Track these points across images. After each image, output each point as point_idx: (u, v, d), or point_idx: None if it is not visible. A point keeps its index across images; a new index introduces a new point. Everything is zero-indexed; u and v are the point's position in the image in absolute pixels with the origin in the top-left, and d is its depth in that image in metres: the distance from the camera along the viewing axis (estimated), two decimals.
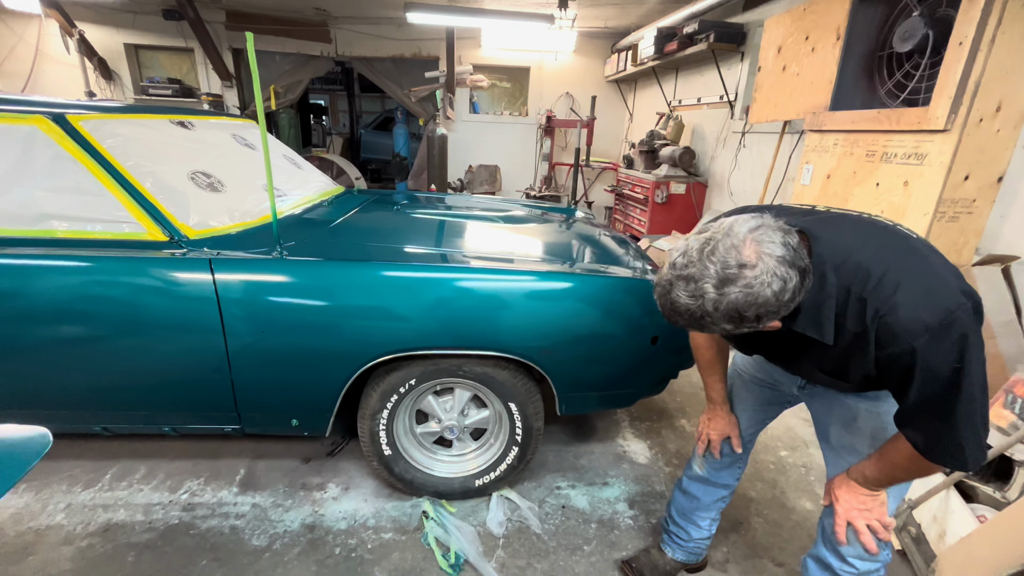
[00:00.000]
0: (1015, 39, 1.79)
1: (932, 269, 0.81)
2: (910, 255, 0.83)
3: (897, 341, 0.79)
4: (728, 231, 0.76)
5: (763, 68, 3.14)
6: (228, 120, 2.29)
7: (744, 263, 0.74)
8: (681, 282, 0.77)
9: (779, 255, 0.74)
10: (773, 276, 0.73)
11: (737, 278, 0.73)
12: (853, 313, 0.82)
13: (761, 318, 0.76)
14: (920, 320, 0.77)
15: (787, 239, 0.76)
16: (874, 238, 0.86)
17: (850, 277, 0.82)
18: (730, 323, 0.77)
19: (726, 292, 0.74)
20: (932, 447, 0.85)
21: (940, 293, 0.78)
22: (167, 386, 1.54)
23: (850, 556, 1.08)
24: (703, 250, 0.76)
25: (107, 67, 5.96)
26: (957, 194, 1.97)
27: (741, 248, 0.74)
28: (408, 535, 1.65)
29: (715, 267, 0.74)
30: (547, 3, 4.85)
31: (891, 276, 0.79)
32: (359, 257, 1.59)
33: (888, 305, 0.78)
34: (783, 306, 0.76)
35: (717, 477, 1.39)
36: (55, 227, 1.44)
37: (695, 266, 0.76)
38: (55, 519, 1.65)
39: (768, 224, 0.77)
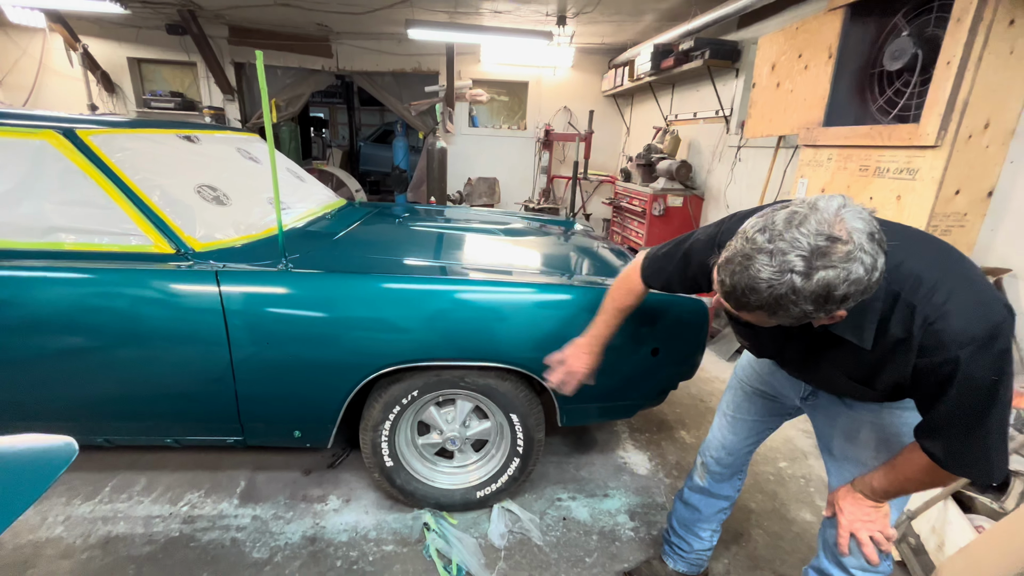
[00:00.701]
0: (1001, 58, 1.85)
1: (979, 282, 0.81)
2: (960, 265, 0.82)
3: (943, 350, 0.78)
4: (814, 206, 0.71)
5: (758, 84, 3.21)
6: (233, 134, 2.32)
7: (836, 237, 0.68)
8: (764, 256, 0.70)
9: (869, 232, 0.69)
10: (864, 252, 0.68)
11: (831, 251, 0.67)
12: (899, 319, 0.80)
13: (847, 299, 0.70)
14: (969, 331, 0.76)
15: (872, 220, 0.71)
16: (924, 246, 0.85)
17: (900, 282, 0.80)
18: (814, 303, 0.70)
19: (817, 267, 0.68)
20: (955, 459, 0.84)
21: (989, 305, 0.78)
22: (171, 397, 1.54)
23: (852, 567, 1.09)
24: (790, 222, 0.70)
25: (110, 80, 6.02)
26: (948, 208, 2.01)
27: (833, 223, 0.69)
28: (410, 547, 1.65)
29: (807, 239, 0.68)
30: (545, 20, 4.95)
31: (943, 285, 0.78)
32: (362, 269, 1.61)
33: (939, 313, 0.77)
34: (870, 287, 0.71)
35: (718, 489, 1.40)
36: (63, 239, 1.46)
37: (782, 239, 0.69)
38: (54, 532, 1.65)
39: (852, 202, 0.72)
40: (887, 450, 1.04)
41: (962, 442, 0.83)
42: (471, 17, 4.97)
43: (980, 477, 0.85)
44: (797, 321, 0.76)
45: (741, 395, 1.33)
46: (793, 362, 1.06)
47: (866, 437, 1.07)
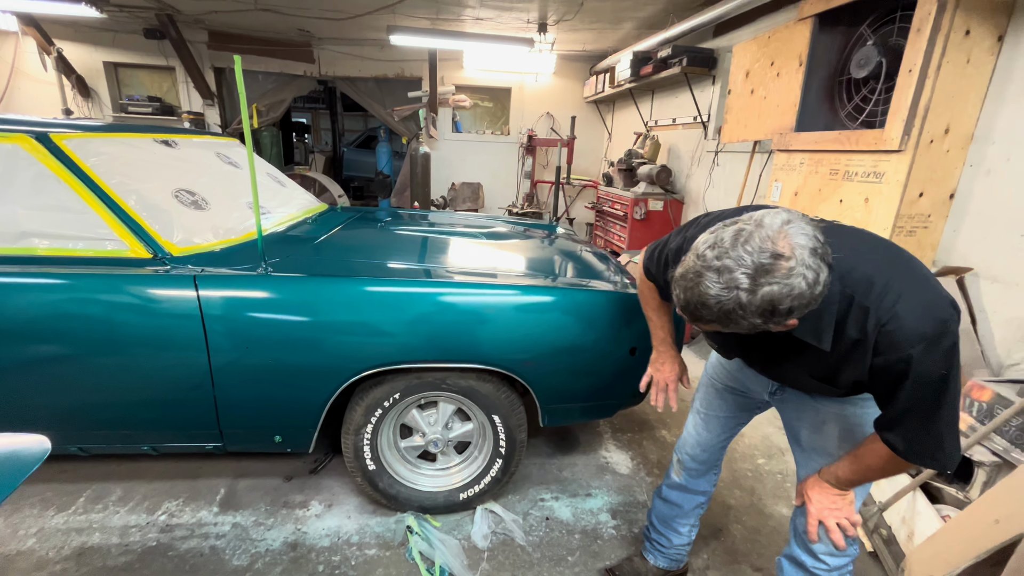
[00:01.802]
0: (958, 67, 1.94)
1: (927, 282, 0.85)
2: (908, 267, 0.87)
3: (896, 349, 0.82)
4: (760, 223, 0.74)
5: (733, 91, 3.29)
6: (212, 139, 2.31)
7: (779, 253, 0.72)
8: (712, 273, 0.74)
9: (812, 247, 0.73)
10: (807, 268, 0.72)
11: (773, 269, 0.71)
12: (854, 321, 0.84)
13: (792, 311, 0.75)
14: (919, 331, 0.80)
15: (817, 234, 0.75)
16: (877, 249, 0.90)
17: (854, 286, 0.84)
18: (761, 317, 0.75)
19: (761, 283, 0.72)
20: (912, 449, 0.89)
21: (937, 305, 0.82)
22: (148, 404, 1.53)
23: (821, 553, 1.13)
24: (736, 240, 0.74)
25: (85, 85, 5.91)
26: (913, 210, 2.09)
27: (776, 239, 0.72)
28: (392, 551, 1.65)
29: (751, 257, 0.72)
30: (527, 27, 5.01)
31: (893, 287, 0.82)
32: (343, 273, 1.61)
33: (890, 314, 0.81)
34: (814, 300, 0.75)
35: (695, 484, 1.43)
36: (37, 245, 1.44)
37: (728, 256, 0.73)
38: (26, 544, 1.61)
39: (798, 218, 0.76)
40: (851, 440, 1.08)
41: (918, 433, 0.88)
42: (453, 23, 5.00)
43: (936, 466, 0.89)
44: (750, 331, 0.80)
45: (712, 392, 1.37)
46: (759, 363, 1.12)
47: (831, 429, 1.11)
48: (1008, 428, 1.57)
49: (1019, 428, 1.55)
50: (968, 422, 1.71)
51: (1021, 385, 1.70)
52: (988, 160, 2.01)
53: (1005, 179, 1.94)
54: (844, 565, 1.14)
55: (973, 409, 1.71)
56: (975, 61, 1.95)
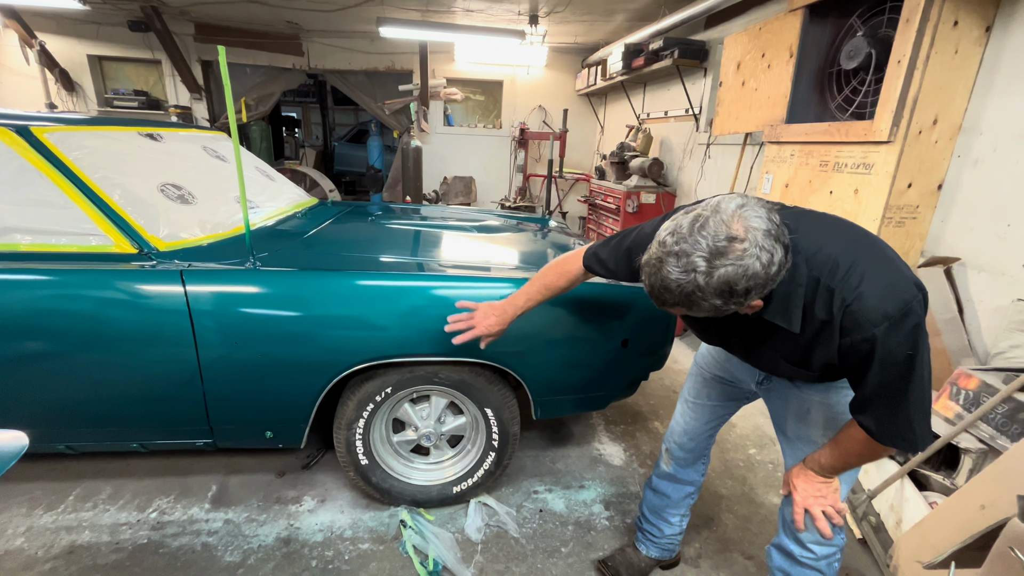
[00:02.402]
0: (947, 58, 1.94)
1: (891, 263, 0.87)
2: (873, 249, 0.88)
3: (860, 329, 0.84)
4: (716, 208, 0.78)
5: (724, 83, 3.29)
6: (198, 132, 2.27)
7: (734, 236, 0.75)
8: (672, 258, 0.78)
9: (765, 228, 0.76)
10: (761, 249, 0.75)
11: (728, 251, 0.75)
12: (821, 302, 0.86)
13: (750, 292, 0.78)
14: (882, 310, 0.82)
15: (771, 216, 0.78)
16: (842, 232, 0.92)
17: (820, 268, 0.86)
18: (720, 298, 0.78)
19: (717, 265, 0.75)
20: (884, 431, 0.91)
21: (900, 285, 0.84)
22: (136, 401, 1.51)
23: (809, 542, 1.14)
24: (693, 226, 0.77)
25: (69, 79, 5.80)
26: (902, 201, 2.11)
27: (730, 223, 0.76)
28: (386, 544, 1.65)
29: (706, 241, 0.76)
30: (517, 19, 4.98)
31: (857, 268, 0.84)
32: (333, 267, 1.60)
33: (854, 295, 0.83)
34: (770, 279, 0.78)
35: (684, 474, 1.44)
36: (19, 240, 1.41)
37: (686, 241, 0.77)
38: (14, 543, 1.59)
39: (752, 201, 0.80)
40: (835, 428, 1.09)
41: (889, 414, 0.89)
42: (443, 15, 4.96)
43: (907, 447, 0.91)
44: (715, 314, 0.83)
45: (701, 381, 1.38)
46: (738, 348, 1.13)
47: (815, 417, 1.12)
48: (994, 415, 1.59)
49: (1005, 415, 1.57)
50: (955, 410, 1.73)
51: (1007, 373, 1.73)
52: (975, 151, 2.02)
53: (992, 169, 1.96)
54: (832, 554, 1.15)
55: (960, 397, 1.73)
56: (963, 52, 1.96)
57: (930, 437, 0.90)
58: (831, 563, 1.16)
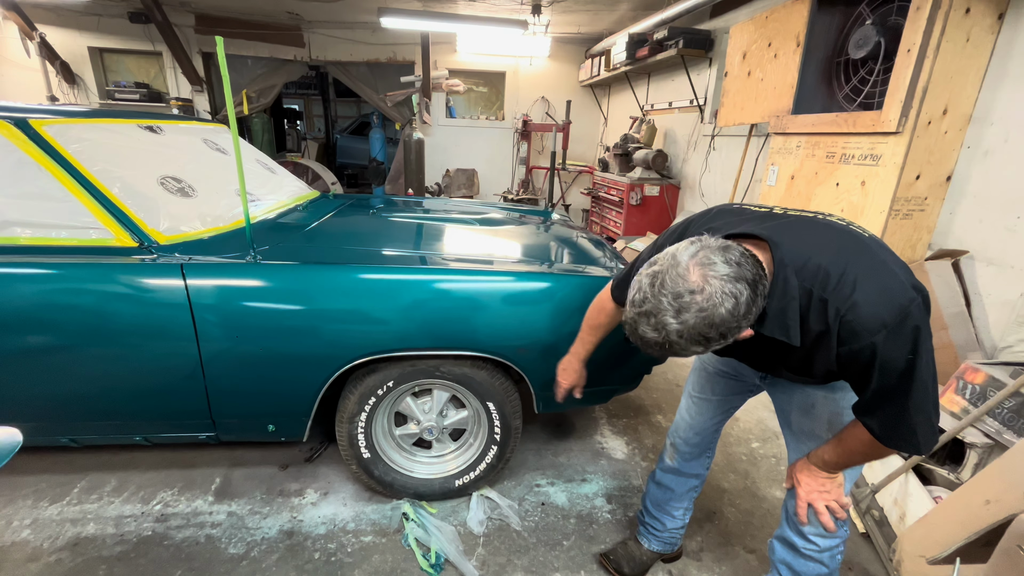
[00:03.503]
0: (958, 46, 1.91)
1: (885, 267, 0.85)
2: (864, 255, 0.87)
3: (857, 338, 0.83)
4: (673, 261, 0.80)
5: (730, 73, 3.25)
6: (199, 125, 2.26)
7: (693, 289, 0.77)
8: (643, 319, 0.81)
9: (724, 273, 0.77)
10: (724, 295, 0.77)
11: (690, 304, 0.77)
12: (816, 313, 0.85)
13: (726, 335, 0.80)
14: (878, 317, 0.81)
15: (728, 256, 0.79)
16: (830, 240, 0.89)
17: (811, 279, 0.85)
18: (699, 345, 0.80)
19: (685, 320, 0.77)
20: (888, 434, 0.90)
21: (894, 290, 0.82)
22: (138, 394, 1.51)
23: (811, 535, 1.14)
24: (654, 285, 0.80)
25: (70, 71, 5.79)
26: (910, 193, 2.08)
27: (687, 275, 0.78)
28: (388, 537, 1.66)
29: (667, 299, 0.78)
30: (520, 9, 4.92)
31: (848, 276, 0.83)
32: (335, 260, 1.59)
33: (848, 304, 0.82)
34: (742, 319, 0.79)
35: (688, 468, 1.44)
36: (18, 234, 1.41)
37: (650, 302, 0.79)
38: (20, 535, 1.60)
39: (708, 245, 0.81)
40: (839, 424, 1.09)
41: (892, 418, 0.88)
42: (445, 5, 4.91)
43: (912, 449, 0.90)
44: (701, 353, 0.86)
45: (704, 376, 1.37)
46: (742, 356, 1.14)
47: (820, 412, 1.12)
48: (1001, 410, 1.58)
49: (1011, 410, 1.56)
50: (961, 404, 1.72)
51: (1014, 367, 1.71)
52: (986, 141, 1.99)
53: (1003, 160, 1.93)
54: (835, 546, 1.15)
55: (966, 391, 1.72)
56: (975, 40, 1.92)
57: (935, 439, 0.88)
58: (834, 555, 1.16)
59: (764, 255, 0.88)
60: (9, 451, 0.55)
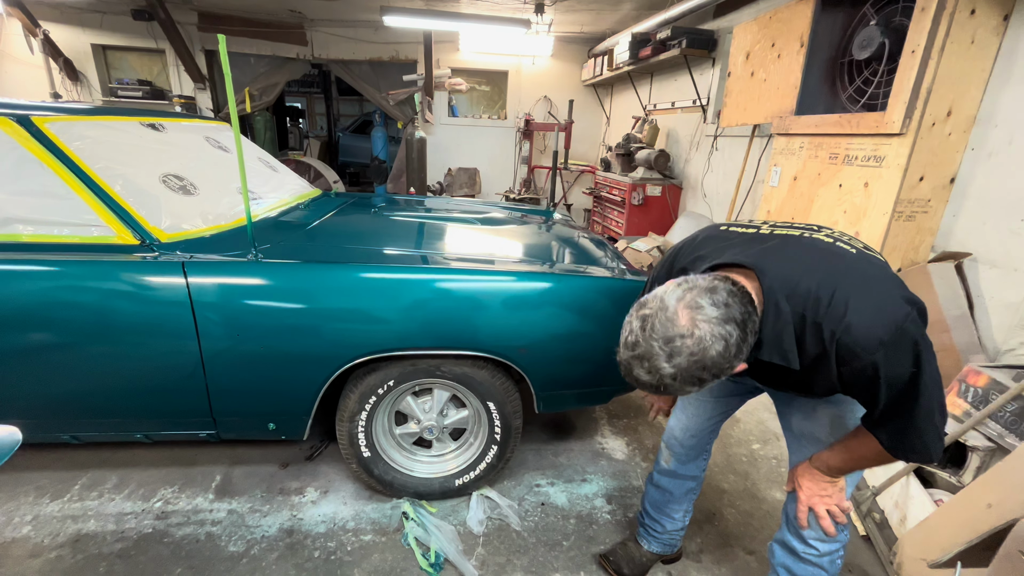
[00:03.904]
0: (963, 47, 1.90)
1: (876, 284, 0.86)
2: (853, 273, 0.87)
3: (857, 358, 0.83)
4: (661, 305, 0.81)
5: (733, 73, 3.24)
6: (201, 123, 2.26)
7: (683, 333, 0.78)
8: (636, 362, 0.82)
9: (712, 316, 0.78)
10: (713, 338, 0.78)
11: (682, 349, 0.78)
12: (812, 337, 0.86)
13: (719, 375, 0.81)
14: (874, 336, 0.81)
15: (715, 298, 0.80)
16: (818, 261, 0.90)
17: (802, 304, 0.85)
18: (693, 386, 0.82)
19: (677, 363, 0.79)
20: (898, 445, 0.91)
21: (887, 307, 0.83)
22: (139, 392, 1.51)
23: (812, 539, 1.14)
24: (644, 329, 0.81)
25: (73, 68, 5.79)
26: (913, 194, 2.07)
27: (676, 320, 0.79)
28: (388, 536, 1.66)
29: (658, 344, 0.79)
30: (524, 8, 4.91)
31: (839, 297, 0.83)
32: (336, 259, 1.59)
33: (842, 326, 0.82)
34: (733, 359, 0.80)
35: (684, 469, 1.43)
36: (20, 231, 1.41)
37: (642, 346, 0.81)
38: (21, 531, 1.61)
39: (695, 286, 0.81)
40: (841, 427, 1.08)
41: (900, 430, 0.89)
42: (448, 4, 4.90)
43: (920, 459, 0.91)
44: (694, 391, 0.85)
45: None
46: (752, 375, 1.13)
47: (822, 416, 1.11)
48: (1003, 413, 1.57)
49: (1014, 413, 1.55)
50: (963, 407, 1.71)
51: (1017, 371, 1.70)
52: (990, 143, 1.98)
53: (1007, 163, 1.92)
54: (835, 551, 1.14)
55: (968, 394, 1.71)
56: (980, 41, 1.91)
57: (942, 445, 0.89)
58: (834, 560, 1.16)
59: (752, 284, 0.88)
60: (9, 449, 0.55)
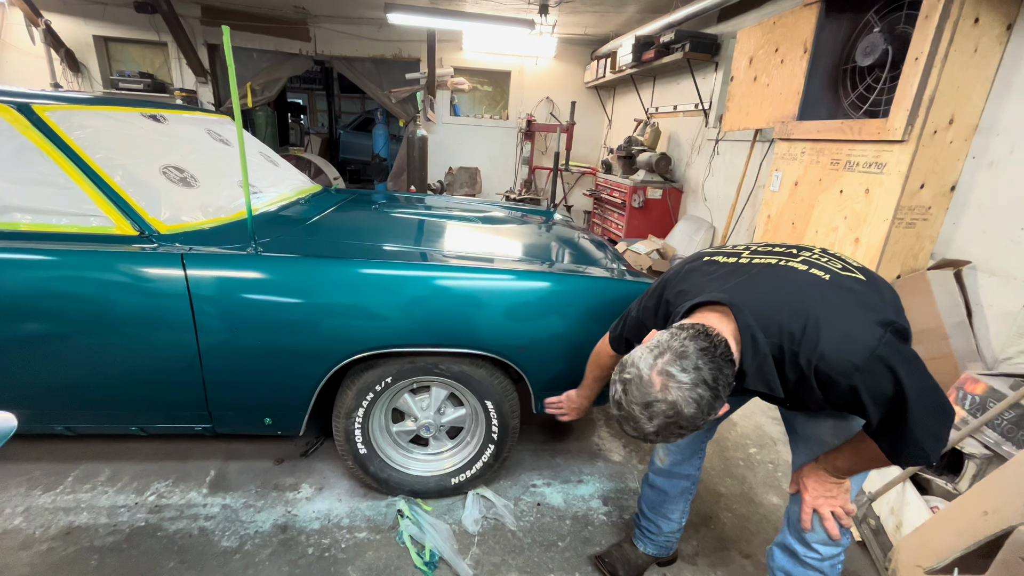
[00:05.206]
0: (966, 56, 1.90)
1: (847, 310, 0.89)
2: (824, 302, 0.91)
3: (835, 384, 0.87)
4: (637, 372, 0.88)
5: (735, 78, 3.24)
6: (202, 115, 2.25)
7: (657, 399, 0.85)
8: (624, 421, 0.91)
9: (683, 382, 0.84)
10: (685, 402, 0.84)
11: (658, 413, 0.86)
12: (790, 365, 0.91)
13: (697, 428, 0.88)
14: (847, 362, 0.85)
15: (685, 364, 0.85)
16: (790, 291, 0.94)
17: (777, 335, 0.90)
18: (676, 437, 0.89)
19: (657, 424, 0.86)
20: (898, 452, 0.92)
21: (856, 333, 0.86)
22: (135, 384, 1.50)
23: (814, 542, 1.13)
24: (627, 393, 0.89)
25: (75, 59, 5.77)
26: (914, 202, 2.07)
27: (651, 386, 0.86)
28: (383, 534, 1.65)
29: (638, 408, 0.87)
30: (528, 8, 4.91)
31: (811, 326, 0.87)
32: (336, 254, 1.58)
33: (816, 354, 0.86)
34: (707, 415, 0.87)
35: (679, 468, 1.43)
36: (18, 220, 1.40)
37: (625, 409, 0.89)
38: (12, 523, 1.59)
39: (667, 350, 0.87)
40: (846, 428, 1.08)
41: (899, 440, 0.90)
42: (452, 3, 4.90)
43: (922, 463, 0.92)
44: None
45: None
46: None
47: (825, 417, 1.11)
48: (1000, 421, 1.57)
49: (1011, 422, 1.55)
50: (960, 415, 1.71)
51: (1015, 379, 1.70)
52: (991, 152, 1.98)
53: (1008, 171, 1.92)
54: (836, 555, 1.14)
55: (966, 402, 1.71)
56: (983, 50, 1.91)
57: (940, 449, 0.90)
58: (834, 564, 1.15)
59: (729, 321, 0.93)
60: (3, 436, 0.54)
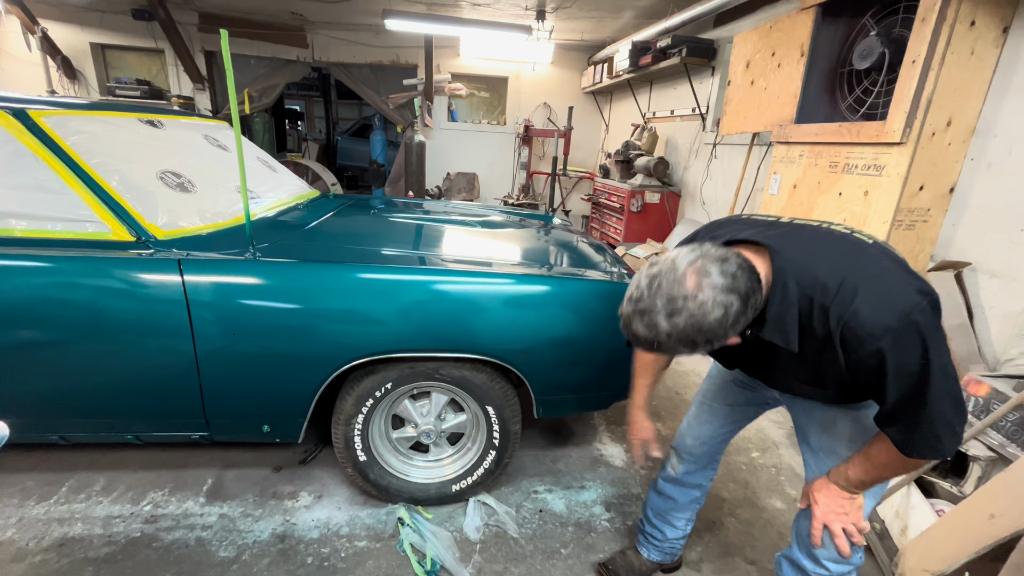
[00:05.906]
0: (962, 58, 1.91)
1: (888, 273, 0.85)
2: (866, 262, 0.86)
3: (863, 344, 0.82)
4: (672, 266, 0.83)
5: (732, 82, 3.25)
6: (200, 120, 2.24)
7: (687, 295, 0.80)
8: (637, 316, 0.84)
9: (718, 284, 0.80)
10: (715, 304, 0.80)
11: (683, 309, 0.80)
12: (818, 321, 0.86)
13: (712, 341, 0.83)
14: (881, 323, 0.80)
15: (724, 267, 0.81)
16: (831, 248, 0.90)
17: (811, 287, 0.85)
18: (684, 347, 0.84)
19: (675, 322, 0.81)
20: (909, 442, 0.88)
21: (897, 296, 0.81)
22: (131, 392, 1.48)
23: (824, 559, 1.08)
24: (651, 286, 0.83)
25: (71, 66, 5.76)
26: (913, 204, 2.08)
27: (684, 281, 0.81)
28: (383, 542, 1.62)
29: (662, 301, 0.81)
30: (525, 14, 4.93)
31: (849, 284, 0.83)
32: (334, 259, 1.57)
33: (849, 312, 0.82)
34: (729, 328, 0.82)
35: (691, 478, 1.41)
36: (13, 226, 1.38)
37: (645, 301, 0.83)
38: (5, 534, 1.56)
39: (707, 255, 0.83)
40: (861, 442, 1.04)
41: (913, 427, 0.86)
42: (450, 9, 4.92)
43: (935, 456, 0.88)
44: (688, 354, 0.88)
45: (720, 383, 1.34)
46: (751, 370, 1.13)
47: (842, 429, 1.07)
48: (1004, 423, 1.56)
49: (1015, 423, 1.55)
50: None
51: (1018, 380, 1.70)
52: (989, 154, 1.99)
53: (1006, 173, 1.93)
54: (847, 573, 1.09)
55: (969, 404, 1.71)
56: (979, 53, 1.92)
57: (957, 442, 0.86)
58: None
59: (764, 262, 0.89)
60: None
